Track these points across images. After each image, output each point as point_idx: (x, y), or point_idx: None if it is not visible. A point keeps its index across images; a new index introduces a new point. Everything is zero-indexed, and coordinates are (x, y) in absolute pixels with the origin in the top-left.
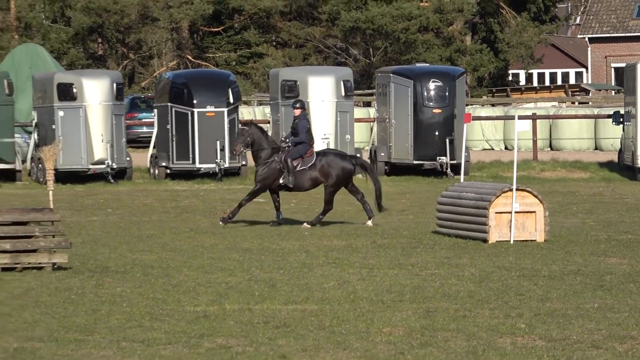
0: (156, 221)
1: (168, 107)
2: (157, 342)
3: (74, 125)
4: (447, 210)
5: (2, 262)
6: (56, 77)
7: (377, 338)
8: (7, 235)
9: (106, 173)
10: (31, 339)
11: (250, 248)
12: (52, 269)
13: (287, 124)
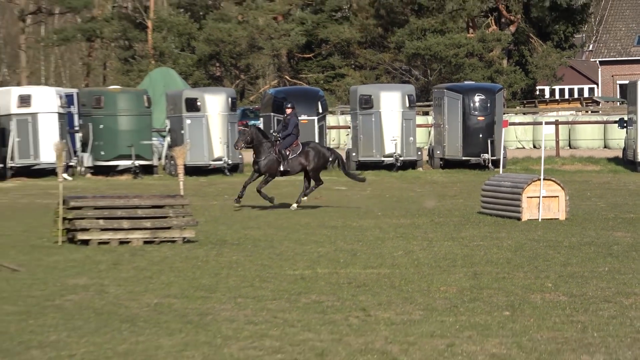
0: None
1: (271, 116)
2: (265, 298)
3: (198, 130)
4: (489, 196)
5: (144, 237)
6: (184, 93)
7: (436, 295)
8: (148, 216)
9: (223, 167)
10: (167, 296)
11: (336, 225)
12: (182, 242)
13: (364, 129)
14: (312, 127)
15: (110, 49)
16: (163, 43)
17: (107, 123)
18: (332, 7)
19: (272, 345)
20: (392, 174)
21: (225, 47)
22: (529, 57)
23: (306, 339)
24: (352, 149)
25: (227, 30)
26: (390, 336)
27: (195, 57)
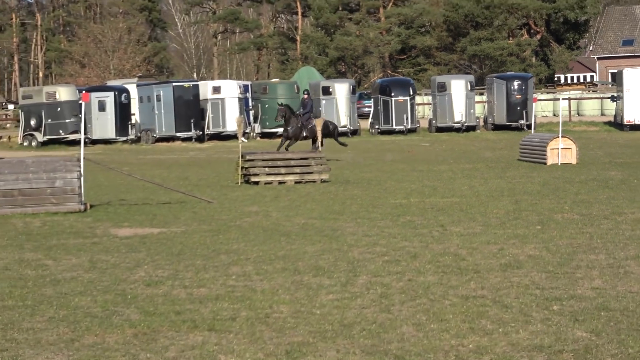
0: (373, 156)
1: (379, 98)
2: (376, 219)
3: (330, 108)
4: (525, 148)
5: (295, 179)
6: (321, 83)
7: (490, 215)
8: (298, 165)
9: (347, 132)
10: (310, 218)
11: (422, 169)
12: (320, 182)
13: (440, 105)
14: (406, 104)
15: (272, 55)
16: (307, 50)
17: (270, 104)
18: (418, 24)
19: (381, 250)
20: (459, 135)
21: (348, 52)
22: (549, 55)
23: (404, 246)
24: (433, 118)
25: (349, 41)
26: (460, 243)
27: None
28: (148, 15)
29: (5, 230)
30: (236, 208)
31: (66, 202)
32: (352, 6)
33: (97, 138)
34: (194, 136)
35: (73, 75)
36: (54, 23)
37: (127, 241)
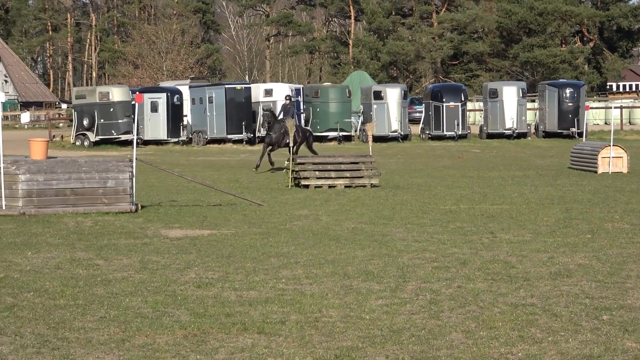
0: (423, 162)
1: (430, 103)
2: (425, 225)
3: (381, 112)
4: (576, 156)
5: (345, 183)
6: (373, 88)
7: (540, 223)
8: (348, 169)
9: (397, 137)
10: (360, 222)
11: (472, 175)
12: (370, 187)
13: (491, 111)
14: (457, 110)
15: (324, 58)
16: (359, 54)
17: (322, 107)
18: (471, 30)
19: (430, 256)
20: (510, 142)
21: (400, 57)
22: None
23: (453, 252)
24: (484, 125)
25: (401, 46)
26: (509, 251)
27: (380, 63)
28: (202, 17)
29: (57, 229)
30: (286, 211)
31: (118, 202)
32: (405, 11)
33: (148, 139)
34: (245, 138)
35: (126, 76)
36: (108, 24)
37: (177, 242)
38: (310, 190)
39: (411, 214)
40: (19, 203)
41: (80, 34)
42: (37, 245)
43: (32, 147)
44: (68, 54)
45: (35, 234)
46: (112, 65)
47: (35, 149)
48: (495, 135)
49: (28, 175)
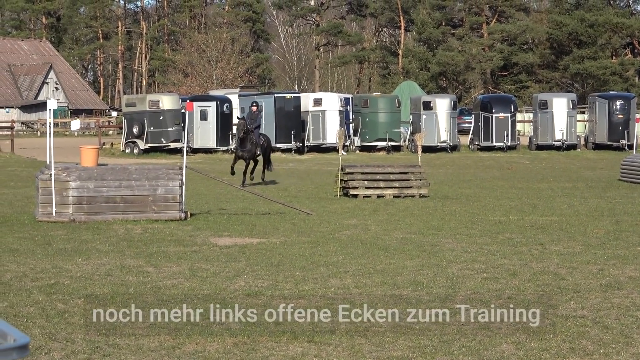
0: (472, 172)
1: (479, 114)
2: (475, 235)
3: (430, 122)
4: (626, 168)
5: (394, 193)
6: (422, 98)
7: (590, 235)
8: (397, 179)
9: (447, 147)
10: (409, 232)
11: (522, 187)
12: (419, 197)
13: (541, 123)
14: (506, 121)
15: (373, 68)
16: (409, 64)
17: (371, 117)
18: (521, 41)
19: (480, 267)
20: (559, 153)
21: (449, 67)
22: None
23: (503, 263)
24: (533, 136)
25: (451, 56)
26: (559, 263)
27: (430, 74)
28: (252, 26)
29: (107, 236)
30: (335, 220)
31: (167, 210)
32: (455, 22)
33: (198, 147)
34: (293, 147)
35: (176, 84)
36: (159, 32)
37: (226, 250)
38: (359, 199)
39: (460, 225)
40: (70, 210)
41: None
42: (87, 252)
43: (83, 154)
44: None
45: (86, 240)
46: (162, 74)
47: (86, 156)
48: (544, 146)
49: (78, 182)
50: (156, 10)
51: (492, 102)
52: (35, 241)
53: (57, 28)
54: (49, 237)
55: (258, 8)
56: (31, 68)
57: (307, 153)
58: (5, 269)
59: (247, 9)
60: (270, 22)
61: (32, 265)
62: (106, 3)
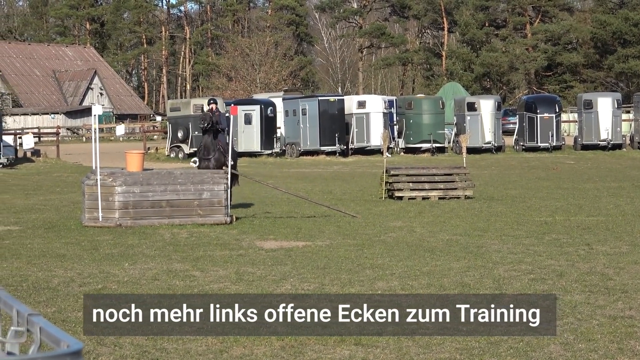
0: (517, 173)
1: (524, 114)
2: (521, 236)
3: (474, 124)
4: None
5: (439, 194)
6: (466, 99)
7: (637, 235)
8: (442, 181)
9: (491, 148)
10: (455, 234)
11: (567, 187)
12: (464, 198)
13: (586, 123)
14: (551, 122)
15: (417, 70)
16: (452, 66)
17: (415, 119)
18: (565, 41)
19: (526, 268)
20: (605, 153)
21: (493, 68)
22: None
23: (549, 264)
24: (578, 136)
25: (495, 57)
26: (606, 263)
27: (473, 75)
28: (295, 29)
29: (153, 240)
30: (380, 223)
31: (213, 214)
32: (498, 22)
33: (242, 151)
34: (338, 150)
35: (220, 88)
36: (203, 36)
37: (272, 254)
38: (404, 201)
39: (506, 226)
40: (116, 215)
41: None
42: (134, 256)
43: (129, 159)
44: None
45: (132, 245)
46: (206, 78)
47: (131, 161)
48: (590, 146)
49: (124, 187)
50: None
51: (536, 103)
52: (82, 246)
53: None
54: (95, 242)
55: (301, 11)
56: (76, 74)
57: (351, 156)
58: (52, 275)
59: (290, 12)
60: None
61: (79, 270)
62: (150, 8)
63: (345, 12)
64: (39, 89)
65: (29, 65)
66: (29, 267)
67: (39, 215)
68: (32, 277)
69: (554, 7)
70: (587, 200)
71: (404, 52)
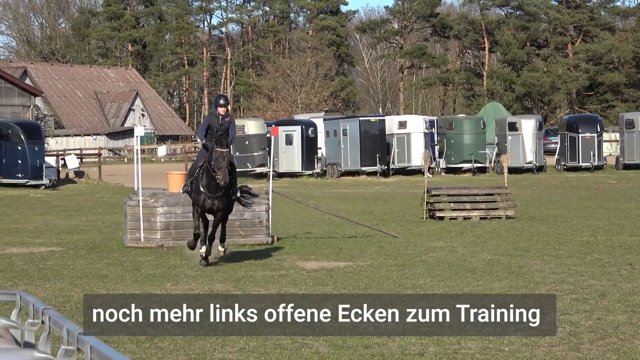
0: (559, 193)
1: (565, 134)
2: (563, 256)
3: (516, 143)
4: None
5: (480, 215)
6: (507, 119)
7: None
8: (483, 201)
9: (533, 168)
10: (497, 254)
11: (609, 207)
12: (506, 218)
13: (628, 142)
14: (593, 141)
15: (458, 90)
16: (493, 86)
17: (456, 139)
18: (607, 61)
19: (569, 288)
20: None
21: (534, 88)
22: None
23: (591, 284)
24: (620, 155)
25: (536, 77)
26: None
27: (515, 94)
28: (336, 50)
29: (194, 261)
30: (421, 243)
31: (254, 235)
32: (540, 42)
33: (283, 171)
34: (379, 170)
35: (261, 109)
36: (244, 57)
37: (314, 274)
38: (445, 221)
39: (548, 246)
40: (157, 235)
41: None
42: (176, 277)
43: (170, 180)
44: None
45: (174, 266)
46: (247, 99)
47: (173, 182)
48: (632, 166)
49: (166, 208)
50: (241, 35)
51: (578, 122)
52: (124, 267)
53: (143, 55)
54: (137, 262)
55: (342, 32)
56: (117, 95)
57: (392, 176)
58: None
59: (331, 33)
60: (354, 46)
61: (121, 290)
62: (191, 30)
63: (386, 33)
64: (81, 110)
65: (71, 87)
66: (71, 287)
67: (81, 236)
68: (74, 298)
69: (596, 26)
70: (629, 220)
71: (444, 72)
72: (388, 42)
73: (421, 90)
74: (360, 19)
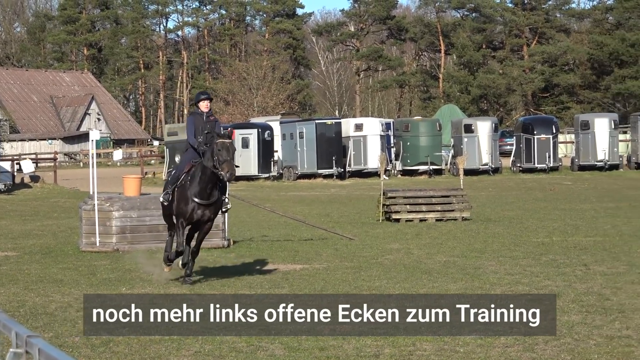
0: (514, 194)
1: (521, 136)
2: (518, 257)
3: (472, 145)
4: None
5: (436, 216)
6: (463, 121)
7: (634, 255)
8: (439, 202)
9: (488, 170)
10: (452, 256)
11: (564, 208)
12: (461, 220)
13: (583, 143)
14: (548, 143)
15: (414, 92)
16: (449, 88)
17: (412, 141)
18: (562, 62)
19: (523, 289)
20: (602, 173)
21: (490, 90)
22: None
23: (546, 284)
24: (575, 157)
25: (492, 79)
26: (603, 283)
27: (470, 97)
28: (292, 53)
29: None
30: (377, 245)
31: (210, 238)
32: (495, 44)
33: (239, 175)
34: (335, 173)
35: (217, 112)
36: (200, 61)
37: (270, 277)
38: (401, 224)
39: (503, 247)
40: (113, 240)
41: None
42: (131, 281)
43: (126, 184)
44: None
45: (129, 270)
46: None
47: (128, 186)
48: (587, 167)
49: (122, 212)
50: (197, 39)
51: (533, 124)
52: (80, 271)
53: (99, 59)
54: (93, 267)
55: (298, 35)
56: (73, 99)
57: (348, 178)
58: (50, 300)
59: (287, 36)
60: (310, 49)
61: (76, 295)
62: (147, 33)
63: (342, 36)
64: (37, 114)
65: (26, 91)
66: (26, 292)
67: (37, 241)
68: (29, 303)
69: (551, 28)
70: (584, 221)
71: (401, 75)
72: (344, 45)
73: (377, 92)
74: (316, 22)
